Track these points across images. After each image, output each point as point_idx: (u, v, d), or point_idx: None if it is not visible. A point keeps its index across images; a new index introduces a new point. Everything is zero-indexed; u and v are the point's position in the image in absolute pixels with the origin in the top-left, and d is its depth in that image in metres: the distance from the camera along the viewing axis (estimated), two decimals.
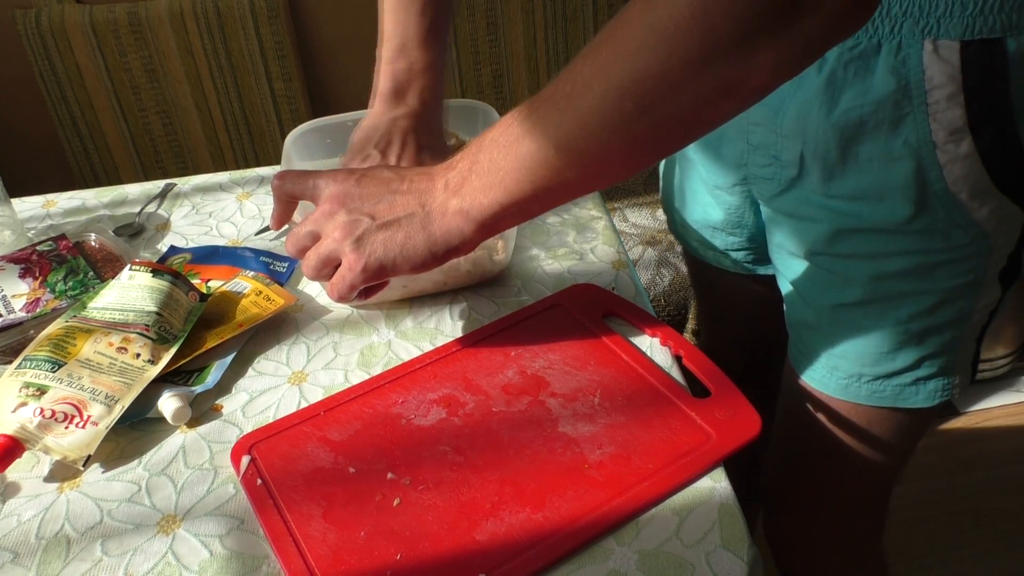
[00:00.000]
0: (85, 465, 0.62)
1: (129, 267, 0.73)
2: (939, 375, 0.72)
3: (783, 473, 0.90)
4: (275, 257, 0.83)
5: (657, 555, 0.54)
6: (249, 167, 1.09)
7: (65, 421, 0.62)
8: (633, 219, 1.59)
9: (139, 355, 0.67)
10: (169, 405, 0.65)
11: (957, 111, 0.58)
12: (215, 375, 0.69)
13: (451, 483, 0.58)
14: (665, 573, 0.53)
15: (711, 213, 0.83)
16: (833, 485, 0.85)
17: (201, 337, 0.71)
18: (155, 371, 0.67)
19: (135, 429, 0.66)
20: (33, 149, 1.77)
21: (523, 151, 0.52)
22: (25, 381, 0.63)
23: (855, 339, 0.71)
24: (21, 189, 1.01)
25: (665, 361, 0.68)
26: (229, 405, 0.68)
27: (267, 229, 0.89)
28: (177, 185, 0.98)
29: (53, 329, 0.68)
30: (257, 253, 0.83)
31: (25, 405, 0.62)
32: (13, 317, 0.74)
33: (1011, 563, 1.46)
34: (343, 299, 0.59)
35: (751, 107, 0.49)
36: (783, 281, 0.78)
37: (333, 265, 0.60)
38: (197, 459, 0.63)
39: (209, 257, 0.84)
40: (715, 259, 0.90)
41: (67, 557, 0.56)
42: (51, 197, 0.98)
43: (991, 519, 1.53)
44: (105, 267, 0.81)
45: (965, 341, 0.71)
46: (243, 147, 1.75)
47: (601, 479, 0.57)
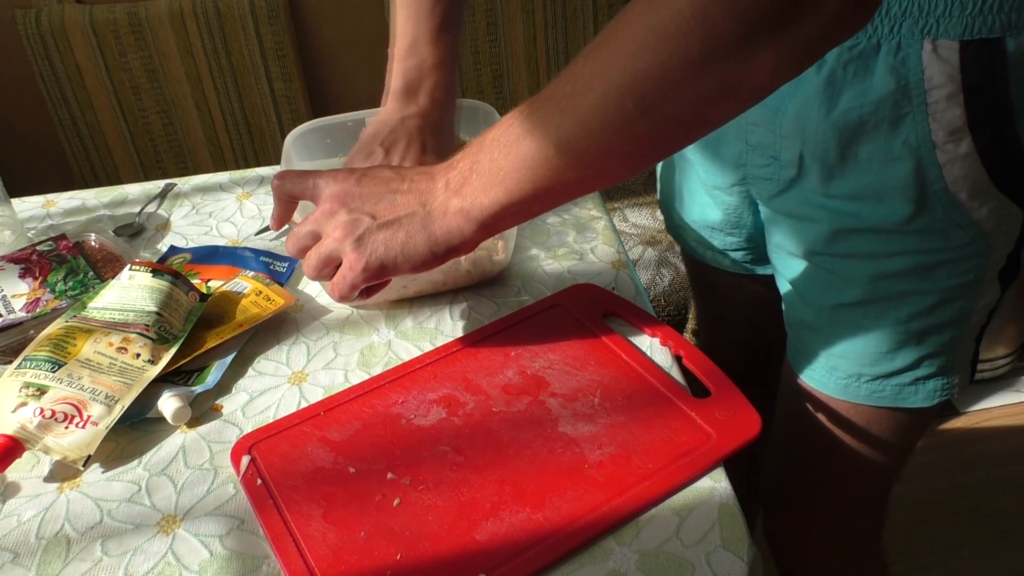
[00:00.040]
0: (85, 465, 0.62)
1: (129, 267, 0.73)
2: (938, 375, 0.72)
3: (782, 473, 0.90)
4: (275, 257, 0.83)
5: (657, 555, 0.54)
6: (249, 167, 1.09)
7: (65, 421, 0.62)
8: (633, 219, 1.59)
9: (139, 355, 0.67)
10: (169, 405, 0.65)
11: (956, 111, 0.58)
12: (215, 375, 0.69)
13: (451, 483, 0.58)
14: (665, 573, 0.53)
15: (709, 213, 0.83)
16: (833, 485, 0.85)
17: (201, 337, 0.71)
18: (155, 371, 0.67)
19: (135, 429, 0.66)
20: (33, 149, 1.77)
21: (524, 151, 0.52)
22: (25, 381, 0.63)
23: (854, 339, 0.71)
24: (21, 189, 1.01)
25: (665, 361, 0.68)
26: (229, 405, 0.68)
27: (267, 229, 0.89)
28: (177, 185, 0.98)
29: (53, 329, 0.68)
30: (257, 253, 0.83)
31: (25, 405, 0.62)
32: (13, 317, 0.74)
33: (1011, 563, 1.46)
34: (344, 298, 0.59)
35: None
36: (782, 281, 0.78)
37: (334, 265, 0.60)
38: (197, 459, 0.63)
39: (209, 257, 0.84)
40: (714, 259, 0.90)
41: (67, 557, 0.56)
42: (51, 197, 0.98)
43: (991, 519, 1.53)
44: (105, 267, 0.81)
45: (964, 341, 0.71)
46: (243, 147, 1.75)
47: (601, 479, 0.57)
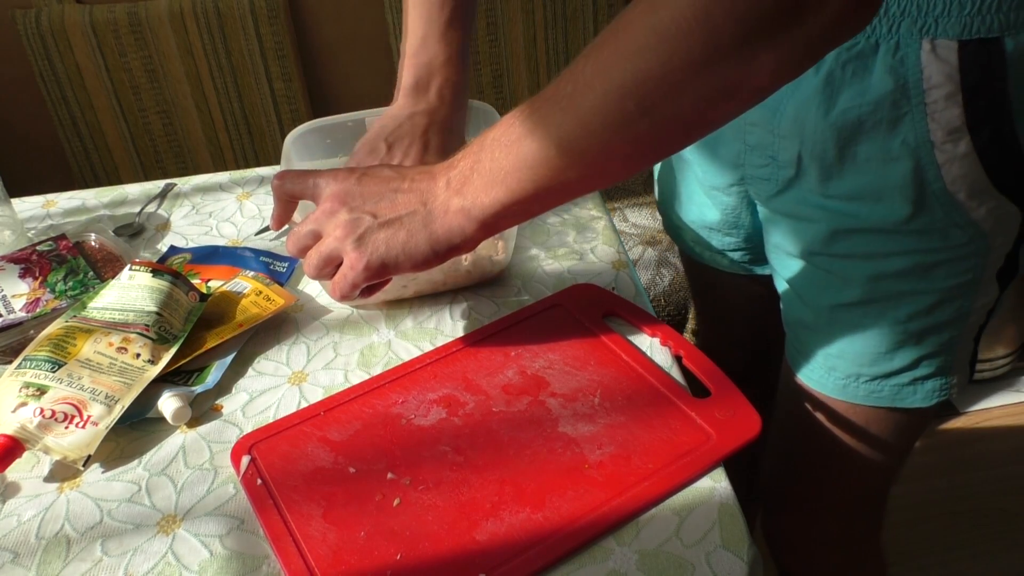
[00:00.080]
0: (85, 465, 0.62)
1: (129, 267, 0.73)
2: (937, 375, 0.72)
3: (781, 472, 0.90)
4: (275, 257, 0.83)
5: (657, 555, 0.54)
6: (249, 167, 1.09)
7: (65, 421, 0.62)
8: (633, 219, 1.59)
9: (139, 355, 0.67)
10: (169, 405, 0.65)
11: (955, 111, 0.58)
12: (215, 375, 0.69)
13: (451, 483, 0.58)
14: (665, 573, 0.53)
15: (707, 214, 0.83)
16: (832, 484, 0.85)
17: (201, 337, 0.71)
18: (155, 371, 0.67)
19: (135, 429, 0.66)
20: (33, 149, 1.77)
21: (525, 150, 0.52)
22: (25, 381, 0.63)
23: (853, 339, 0.71)
24: (21, 189, 1.01)
25: (665, 361, 0.68)
26: (229, 405, 0.68)
27: (267, 229, 0.89)
28: (177, 185, 0.98)
29: (53, 329, 0.68)
30: (257, 253, 0.83)
31: (25, 405, 0.62)
32: (13, 317, 0.74)
33: (1011, 563, 1.46)
34: (345, 298, 0.60)
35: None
36: (780, 281, 0.78)
37: (335, 264, 0.60)
38: (197, 459, 0.63)
39: (209, 257, 0.84)
40: (712, 259, 0.90)
41: (67, 557, 0.56)
42: (51, 197, 0.98)
43: (991, 519, 1.53)
44: (105, 267, 0.81)
45: (963, 341, 0.71)
46: (243, 147, 1.75)
47: (601, 479, 0.57)
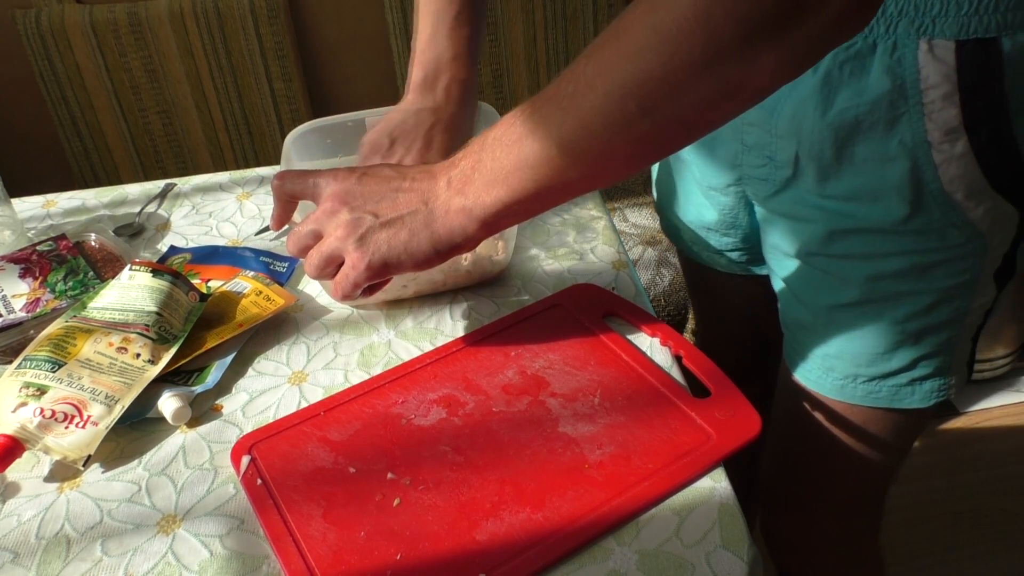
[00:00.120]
0: (85, 465, 0.62)
1: (129, 267, 0.73)
2: (935, 375, 0.71)
3: (780, 472, 0.90)
4: (275, 257, 0.83)
5: (657, 555, 0.54)
6: (249, 167, 1.09)
7: (65, 421, 0.62)
8: (633, 219, 1.59)
9: (139, 355, 0.67)
10: (169, 405, 0.65)
11: (952, 111, 0.58)
12: (215, 375, 0.69)
13: (451, 483, 0.58)
14: (665, 573, 0.53)
15: (705, 214, 0.83)
16: (830, 484, 0.85)
17: (201, 337, 0.71)
18: (155, 371, 0.67)
19: (135, 429, 0.66)
20: (33, 149, 1.77)
21: (526, 150, 0.52)
22: (25, 381, 0.63)
23: (851, 340, 0.71)
24: (21, 189, 1.01)
25: (665, 361, 0.68)
26: (229, 405, 0.68)
27: (267, 229, 0.89)
28: (177, 185, 0.98)
29: (53, 329, 0.68)
30: (257, 253, 0.83)
31: (25, 405, 0.62)
32: (13, 317, 0.74)
33: (1011, 563, 1.46)
34: (347, 297, 0.60)
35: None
36: (777, 281, 0.78)
37: (336, 264, 0.60)
38: (197, 459, 0.63)
39: (209, 257, 0.84)
40: (710, 259, 0.90)
41: (67, 557, 0.56)
42: (51, 197, 0.98)
43: (991, 519, 1.53)
44: (105, 267, 0.81)
45: (961, 341, 0.71)
46: (243, 147, 1.75)
47: (601, 479, 0.57)
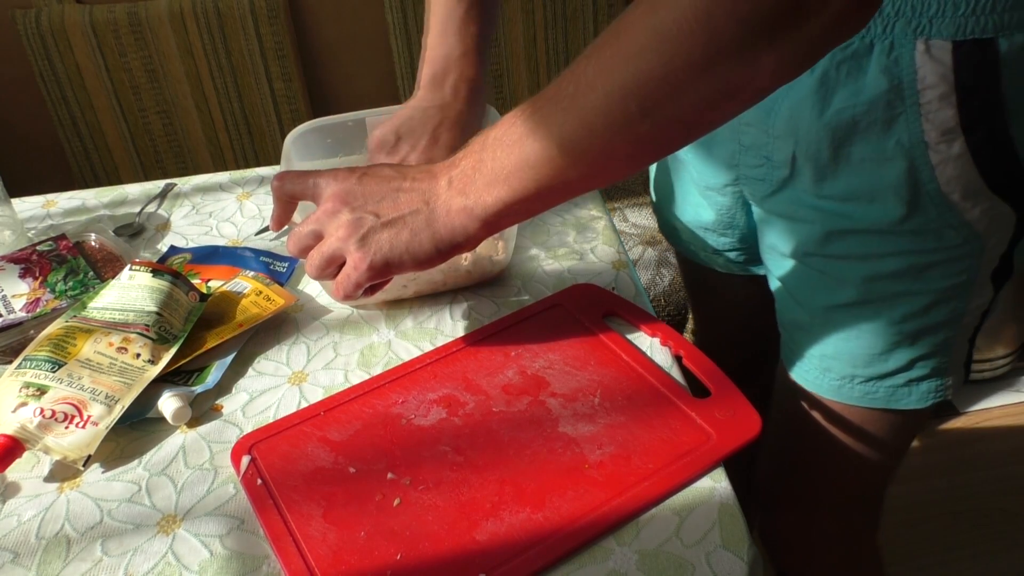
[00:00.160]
0: (85, 465, 0.62)
1: (129, 267, 0.73)
2: (932, 376, 0.71)
3: (778, 472, 0.90)
4: (275, 257, 0.83)
5: (657, 555, 0.54)
6: (249, 167, 1.09)
7: (65, 421, 0.62)
8: (633, 219, 1.59)
9: (139, 355, 0.67)
10: (169, 405, 0.65)
11: (949, 111, 0.58)
12: (215, 375, 0.69)
13: (451, 483, 0.58)
14: (665, 573, 0.53)
15: (702, 214, 0.83)
16: (828, 484, 0.85)
17: (201, 337, 0.71)
18: (155, 371, 0.67)
19: (135, 429, 0.66)
20: (33, 149, 1.77)
21: (527, 150, 0.52)
22: (25, 381, 0.63)
23: (848, 340, 0.71)
24: (21, 189, 1.01)
25: (665, 361, 0.68)
26: (229, 405, 0.68)
27: (267, 229, 0.89)
28: (177, 185, 0.98)
29: (53, 329, 0.68)
30: (257, 253, 0.83)
31: (25, 405, 0.62)
32: (13, 317, 0.74)
33: (1011, 563, 1.46)
34: (348, 298, 0.60)
35: None
36: (774, 282, 0.78)
37: (337, 264, 0.60)
38: (197, 459, 0.63)
39: (209, 257, 0.84)
40: (707, 259, 0.90)
41: (67, 557, 0.56)
42: (51, 197, 0.98)
43: (991, 519, 1.53)
44: (105, 267, 0.81)
45: (958, 342, 0.71)
46: (243, 147, 1.75)
47: (601, 479, 0.57)
